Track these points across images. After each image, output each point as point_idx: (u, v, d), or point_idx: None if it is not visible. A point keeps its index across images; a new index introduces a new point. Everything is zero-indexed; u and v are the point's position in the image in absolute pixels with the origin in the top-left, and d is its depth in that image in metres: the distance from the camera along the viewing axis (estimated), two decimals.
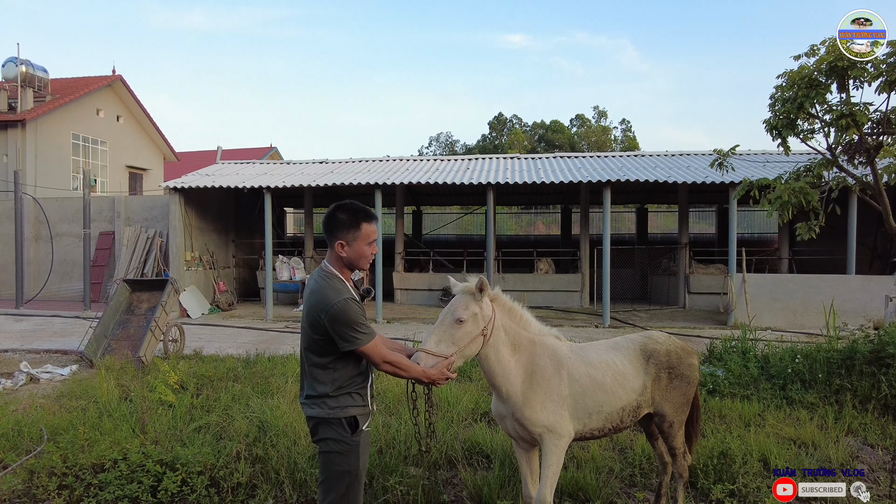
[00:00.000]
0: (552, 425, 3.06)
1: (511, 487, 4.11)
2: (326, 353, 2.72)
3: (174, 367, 7.30)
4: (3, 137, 20.97)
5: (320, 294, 2.70)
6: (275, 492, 4.16)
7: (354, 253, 2.79)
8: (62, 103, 22.35)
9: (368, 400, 2.84)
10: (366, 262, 2.85)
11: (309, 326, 2.73)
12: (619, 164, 14.86)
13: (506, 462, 4.52)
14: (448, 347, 2.90)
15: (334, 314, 2.64)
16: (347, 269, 2.84)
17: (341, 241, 2.77)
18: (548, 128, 58.99)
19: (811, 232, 7.03)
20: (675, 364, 3.42)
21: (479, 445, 4.94)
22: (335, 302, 2.65)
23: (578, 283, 15.39)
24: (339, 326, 2.64)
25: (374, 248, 2.85)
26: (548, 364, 3.14)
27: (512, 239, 22.44)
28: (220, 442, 4.80)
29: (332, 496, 2.72)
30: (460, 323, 2.95)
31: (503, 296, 3.21)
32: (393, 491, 3.98)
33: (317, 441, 2.76)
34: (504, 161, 16.35)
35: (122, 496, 3.77)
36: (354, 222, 2.78)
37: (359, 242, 2.78)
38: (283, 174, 14.83)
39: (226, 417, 5.50)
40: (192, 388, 6.61)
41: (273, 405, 5.70)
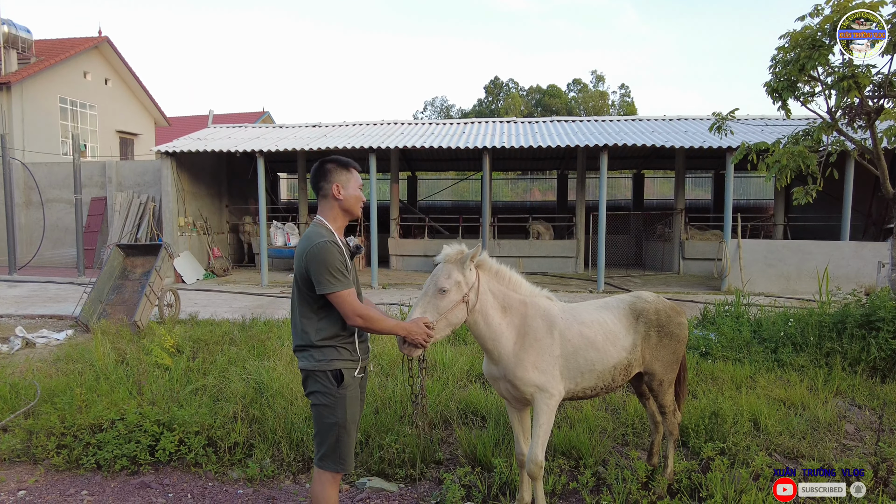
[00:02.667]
0: (543, 385, 3.09)
1: (505, 445, 4.17)
2: (312, 302, 2.74)
3: (170, 331, 7.31)
4: None
5: (306, 238, 2.76)
6: (272, 451, 4.21)
7: (350, 195, 2.85)
8: (48, 65, 21.81)
9: (358, 354, 2.84)
10: (359, 206, 2.92)
11: (297, 273, 2.77)
12: (617, 128, 14.70)
13: (500, 421, 4.58)
14: (433, 317, 2.92)
15: (313, 254, 2.67)
16: (342, 216, 2.87)
17: (337, 183, 2.82)
18: (545, 92, 58.23)
19: (808, 196, 7.01)
20: (665, 322, 3.43)
21: (473, 406, 5.00)
22: (316, 242, 2.69)
23: (574, 249, 15.41)
24: (316, 266, 2.66)
25: (362, 194, 2.92)
26: (540, 325, 3.15)
27: (508, 205, 22.36)
28: (217, 403, 4.83)
29: (325, 448, 2.77)
30: (443, 293, 2.96)
31: (489, 260, 3.20)
32: (388, 449, 4.03)
33: (307, 394, 2.80)
34: (500, 125, 16.14)
35: (121, 455, 3.80)
36: (345, 167, 2.88)
37: (352, 184, 2.87)
38: (276, 138, 14.61)
39: (222, 380, 5.52)
40: (188, 351, 6.63)
41: (269, 367, 5.74)
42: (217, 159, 15.60)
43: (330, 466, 2.77)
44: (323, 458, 2.77)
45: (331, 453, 2.76)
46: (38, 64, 21.87)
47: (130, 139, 26.58)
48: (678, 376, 3.72)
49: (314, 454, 2.82)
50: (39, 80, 21.75)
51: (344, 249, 2.79)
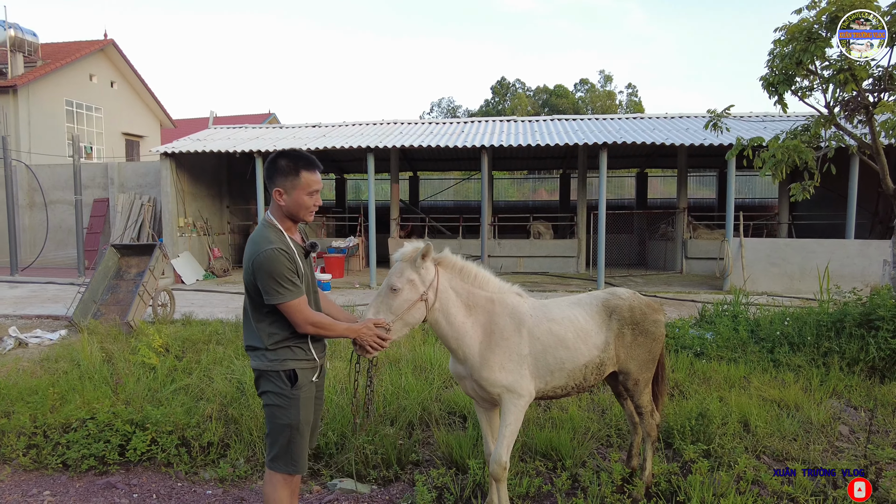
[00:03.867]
0: (511, 385, 2.99)
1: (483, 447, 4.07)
2: (262, 305, 2.63)
3: (159, 331, 7.29)
4: None
5: (253, 243, 2.64)
6: (247, 451, 4.15)
7: (293, 202, 2.67)
8: (54, 68, 21.99)
9: (313, 353, 2.74)
10: (307, 213, 2.73)
11: (245, 279, 2.68)
12: (618, 126, 14.54)
13: (469, 418, 4.50)
14: (386, 317, 2.84)
15: (259, 263, 2.55)
16: (289, 220, 2.72)
17: (279, 188, 2.66)
18: (552, 92, 58.06)
19: (805, 192, 6.85)
20: (640, 320, 3.31)
21: (457, 406, 4.91)
22: (262, 250, 2.56)
23: (575, 249, 15.27)
24: (263, 277, 2.55)
25: (316, 199, 2.73)
26: (507, 323, 3.05)
27: (510, 205, 22.22)
28: (197, 403, 4.78)
29: (276, 449, 2.69)
30: (395, 291, 2.88)
31: (452, 257, 3.10)
32: (362, 450, 3.95)
33: (260, 394, 2.71)
34: (501, 124, 16.04)
35: (88, 454, 3.75)
36: (294, 170, 2.66)
37: (298, 192, 2.66)
38: (275, 138, 14.60)
39: (205, 379, 5.47)
40: (176, 351, 6.59)
41: (235, 362, 5.70)
42: (217, 160, 15.61)
43: (281, 468, 2.69)
44: (275, 459, 2.69)
45: (283, 454, 2.68)
46: (45, 67, 22.04)
47: (136, 141, 26.73)
48: (656, 376, 3.61)
49: (266, 455, 2.74)
50: (45, 82, 21.93)
51: (295, 251, 2.67)
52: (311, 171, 2.70)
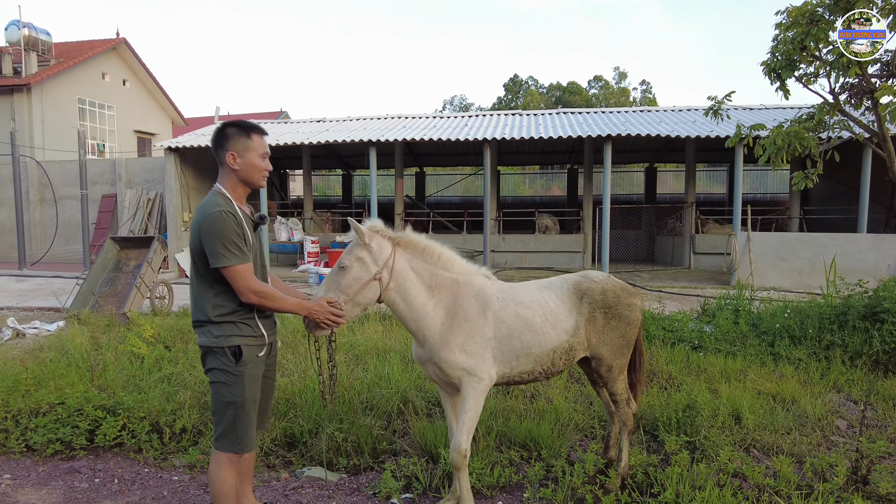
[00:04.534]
0: (471, 368, 2.88)
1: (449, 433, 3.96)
2: (207, 276, 2.58)
3: (153, 322, 7.28)
4: (9, 102, 21.01)
5: (201, 208, 2.59)
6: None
7: (247, 164, 2.65)
8: (67, 67, 22.28)
9: (261, 329, 2.68)
10: (260, 176, 2.72)
11: (191, 246, 2.61)
12: (623, 119, 14.31)
13: None
14: (336, 295, 2.78)
15: (206, 226, 2.51)
16: (242, 186, 2.70)
17: (232, 151, 2.64)
18: (565, 89, 57.72)
19: (808, 181, 6.63)
20: (612, 303, 3.17)
21: (438, 396, 4.80)
22: (210, 213, 2.53)
23: (581, 244, 15.06)
24: (209, 238, 2.50)
25: (266, 163, 2.73)
26: (472, 304, 2.95)
27: (517, 200, 22.04)
28: (179, 391, 4.73)
29: (221, 428, 2.62)
30: (343, 269, 2.84)
31: (413, 237, 3.03)
32: (333, 439, 3.87)
33: (206, 371, 2.65)
34: (506, 117, 15.88)
35: (55, 439, 3.71)
36: (245, 133, 2.67)
37: (250, 153, 2.66)
38: (278, 132, 14.60)
39: (189, 368, 5.43)
40: (167, 341, 6.57)
41: None
42: None
43: (226, 447, 2.61)
44: (220, 437, 2.62)
45: (227, 433, 2.61)
46: (58, 66, 22.34)
47: (148, 139, 27.00)
48: (633, 363, 3.47)
49: (214, 433, 2.66)
50: (59, 81, 22.22)
51: (244, 220, 2.62)
52: (260, 135, 2.72)
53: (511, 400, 4.82)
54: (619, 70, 60.56)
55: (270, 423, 4.14)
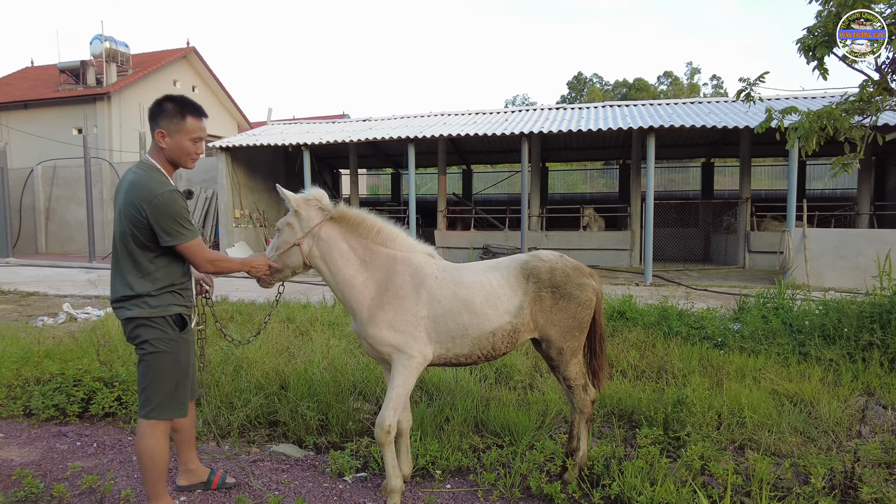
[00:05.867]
0: (401, 345, 2.85)
1: (432, 420, 3.94)
2: (149, 250, 2.63)
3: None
4: (93, 109, 22.80)
5: (142, 186, 2.60)
6: (213, 413, 4.24)
7: (175, 146, 2.69)
8: (142, 76, 23.91)
9: (192, 300, 2.81)
10: (189, 160, 2.75)
11: (128, 221, 2.61)
12: (671, 111, 13.71)
13: (437, 397, 4.37)
14: (270, 254, 3.01)
15: (159, 205, 2.54)
16: (170, 164, 2.74)
17: (162, 130, 2.67)
18: (631, 86, 56.02)
19: (846, 168, 6.10)
20: (561, 283, 3.04)
21: (430, 383, 4.78)
22: (160, 192, 2.56)
23: (628, 241, 14.56)
24: (164, 219, 2.55)
25: (199, 146, 2.75)
26: (406, 282, 2.92)
27: (566, 197, 21.57)
28: None
29: (160, 397, 2.68)
30: (277, 231, 3.06)
31: (349, 211, 3.07)
32: (303, 418, 3.94)
33: (138, 343, 2.68)
34: (549, 112, 15.60)
35: (51, 405, 3.98)
36: (179, 113, 2.68)
37: (181, 135, 2.68)
38: (324, 132, 15.03)
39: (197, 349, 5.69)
40: None
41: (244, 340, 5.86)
42: (274, 155, 16.28)
43: (167, 414, 2.70)
44: (158, 407, 2.68)
45: (168, 401, 2.69)
46: (134, 75, 24.02)
47: (215, 142, 28.50)
48: (592, 348, 3.32)
49: (142, 408, 2.71)
50: (134, 89, 23.88)
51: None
52: (196, 117, 2.71)
53: (500, 389, 4.73)
54: (692, 65, 58.16)
55: (256, 401, 4.28)
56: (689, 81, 57.17)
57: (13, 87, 25.93)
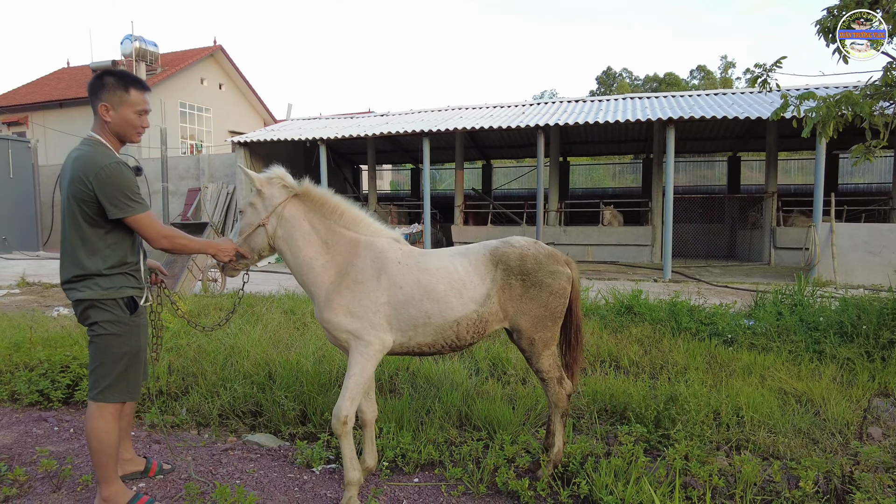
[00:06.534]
0: (357, 332, 2.75)
1: (413, 413, 3.84)
2: (98, 226, 2.58)
3: (193, 301, 7.75)
4: None
5: (86, 159, 2.55)
6: (200, 402, 4.22)
7: (120, 119, 2.64)
8: (170, 74, 24.38)
9: (143, 279, 2.75)
10: (135, 133, 2.70)
11: (74, 198, 2.55)
12: (692, 103, 13.29)
13: (423, 390, 4.27)
14: (236, 238, 2.90)
15: (104, 177, 2.49)
16: (116, 139, 2.69)
17: (105, 103, 2.62)
18: (661, 81, 54.94)
19: (868, 156, 5.77)
20: (531, 270, 2.89)
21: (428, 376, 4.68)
22: (106, 164, 2.51)
23: (648, 237, 14.20)
24: (111, 190, 2.49)
25: (144, 120, 2.72)
26: (367, 266, 2.82)
27: (587, 192, 21.19)
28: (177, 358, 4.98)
29: (110, 379, 2.64)
30: (241, 214, 2.96)
31: (315, 189, 2.98)
32: (281, 408, 3.89)
33: (89, 325, 2.64)
34: (567, 104, 15.30)
35: (35, 390, 4.02)
36: (122, 85, 2.64)
37: (126, 108, 2.64)
38: (340, 127, 15.05)
39: (206, 339, 5.71)
40: (196, 317, 6.96)
41: (247, 331, 5.85)
42: (294, 150, 16.39)
43: (116, 397, 2.66)
44: (107, 389, 2.64)
45: (117, 383, 2.65)
46: (163, 73, 24.51)
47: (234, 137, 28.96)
48: (568, 340, 3.17)
49: (91, 389, 2.67)
50: (163, 87, 24.36)
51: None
52: (140, 90, 2.69)
53: (492, 383, 4.60)
54: (727, 59, 56.64)
55: (240, 391, 4.25)
56: (722, 76, 55.72)
57: (50, 87, 26.77)
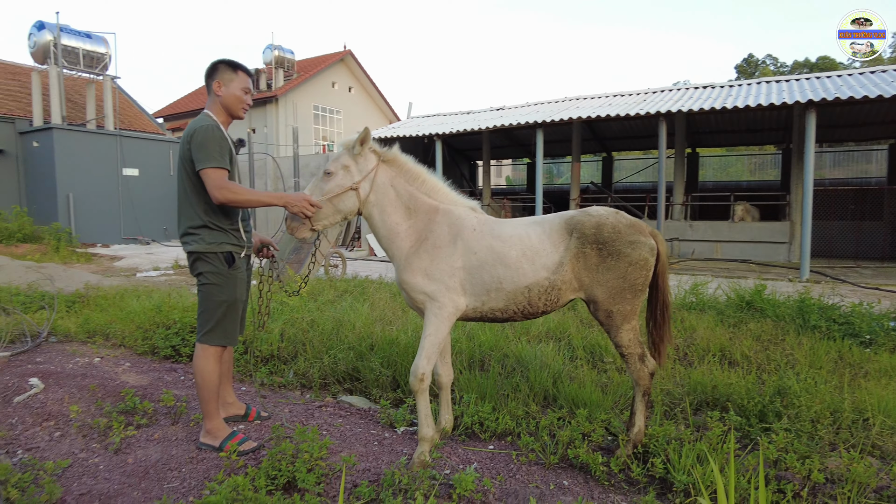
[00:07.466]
0: (433, 293, 2.84)
1: (496, 389, 3.87)
2: (197, 184, 2.94)
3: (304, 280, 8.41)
4: (263, 111, 25.71)
5: (191, 125, 2.97)
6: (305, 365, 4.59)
7: (230, 94, 3.03)
8: (304, 79, 26.42)
9: (244, 240, 3.08)
10: (240, 108, 3.07)
11: (181, 159, 2.99)
12: (840, 83, 11.80)
13: (508, 368, 4.29)
14: (317, 198, 2.92)
15: (195, 133, 2.89)
16: (225, 114, 3.08)
17: (219, 80, 3.03)
18: (813, 66, 49.28)
19: None
20: (609, 239, 2.79)
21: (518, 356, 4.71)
22: (201, 125, 2.92)
23: (785, 234, 12.88)
24: (197, 146, 2.86)
25: (248, 99, 3.09)
26: (444, 232, 2.90)
27: (717, 185, 19.60)
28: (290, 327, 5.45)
29: (211, 324, 3.00)
30: (328, 175, 2.98)
31: (400, 156, 3.08)
32: (373, 375, 4.12)
33: (197, 275, 3.03)
34: (692, 91, 14.30)
35: (169, 346, 4.63)
36: (233, 69, 3.06)
37: (234, 84, 3.04)
38: (455, 122, 15.35)
39: (315, 312, 6.20)
40: (317, 296, 7.57)
41: (356, 308, 6.26)
42: (413, 147, 17.00)
43: (215, 341, 3.01)
44: (208, 333, 3.01)
45: (216, 328, 3.00)
46: (298, 79, 26.61)
47: None
48: (655, 316, 3.02)
49: (197, 332, 3.07)
50: (298, 92, 26.46)
51: (229, 140, 3.01)
52: (246, 74, 3.11)
53: (586, 369, 4.48)
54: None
55: (341, 358, 4.56)
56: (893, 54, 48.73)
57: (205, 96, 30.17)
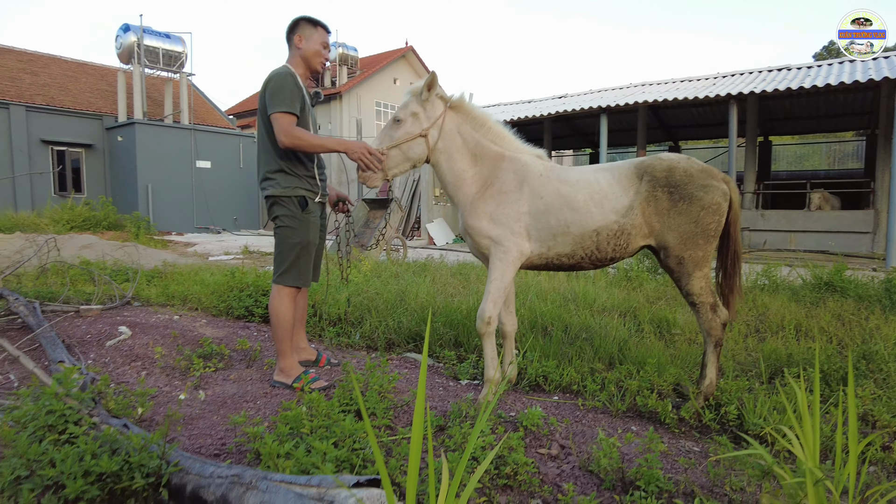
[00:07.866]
0: (498, 238, 2.85)
1: (559, 351, 3.85)
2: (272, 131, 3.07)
3: (374, 262, 8.61)
4: (328, 108, 26.44)
5: (269, 74, 3.12)
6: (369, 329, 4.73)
7: (310, 47, 3.17)
8: (366, 76, 26.98)
9: (319, 186, 3.21)
10: (319, 61, 3.21)
11: (260, 110, 3.14)
12: None
13: (572, 333, 4.25)
14: (387, 145, 2.96)
15: (271, 81, 3.04)
16: (303, 64, 3.21)
17: (300, 34, 3.18)
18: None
19: None
20: (680, 182, 2.71)
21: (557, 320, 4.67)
22: (277, 73, 3.06)
23: (870, 223, 12.06)
24: (270, 92, 3.01)
25: (326, 54, 3.23)
26: (510, 178, 2.91)
27: (792, 174, 18.56)
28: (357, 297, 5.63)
29: (286, 265, 3.15)
30: (398, 123, 2.99)
31: (467, 103, 3.09)
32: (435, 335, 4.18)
33: (273, 218, 3.19)
34: (765, 74, 13.60)
35: (242, 307, 4.89)
36: (314, 25, 3.22)
37: (315, 38, 3.19)
38: (518, 110, 15.26)
39: (378, 284, 6.37)
40: (380, 274, 7.77)
41: (417, 282, 6.38)
42: None
43: (289, 281, 3.15)
44: (283, 273, 3.16)
45: (290, 269, 3.14)
46: (360, 76, 27.20)
47: None
48: (725, 266, 2.92)
49: (274, 273, 3.22)
50: (361, 88, 27.05)
51: (304, 90, 3.15)
52: (325, 30, 3.26)
53: (653, 340, 4.38)
54: None
55: (405, 322, 4.66)
56: None
57: None
